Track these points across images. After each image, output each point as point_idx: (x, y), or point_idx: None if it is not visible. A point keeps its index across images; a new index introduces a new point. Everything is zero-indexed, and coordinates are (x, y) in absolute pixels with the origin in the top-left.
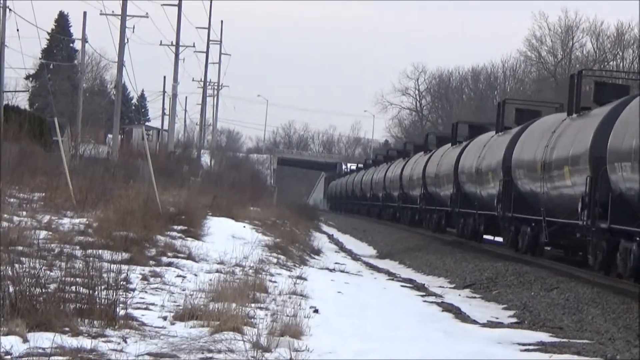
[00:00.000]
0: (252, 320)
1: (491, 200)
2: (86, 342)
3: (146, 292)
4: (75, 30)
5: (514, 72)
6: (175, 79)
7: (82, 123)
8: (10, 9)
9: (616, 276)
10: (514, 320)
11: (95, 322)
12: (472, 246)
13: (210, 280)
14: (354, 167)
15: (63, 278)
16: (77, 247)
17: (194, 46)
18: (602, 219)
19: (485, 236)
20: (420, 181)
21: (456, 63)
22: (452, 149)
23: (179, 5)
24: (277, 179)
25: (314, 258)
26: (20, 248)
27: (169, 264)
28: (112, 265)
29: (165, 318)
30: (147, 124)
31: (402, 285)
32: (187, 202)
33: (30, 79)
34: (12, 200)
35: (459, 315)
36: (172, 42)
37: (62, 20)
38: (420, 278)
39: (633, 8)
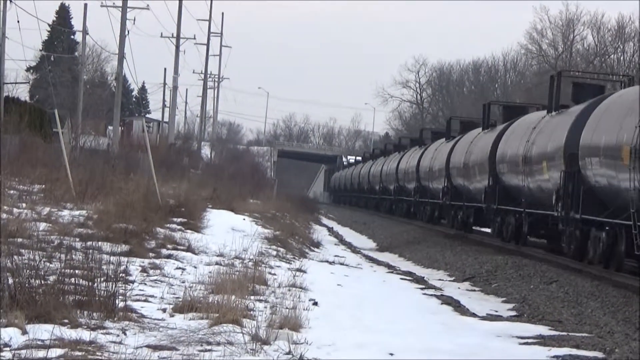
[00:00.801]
0: (251, 312)
1: (478, 193)
2: (85, 334)
3: (145, 284)
4: (76, 22)
5: (514, 65)
6: (175, 71)
7: (82, 115)
8: (11, 1)
9: (588, 262)
10: (514, 313)
11: (94, 314)
12: (471, 239)
13: (210, 272)
14: (353, 159)
15: (62, 270)
16: (77, 239)
17: (194, 38)
18: (574, 210)
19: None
20: (414, 175)
21: (457, 56)
22: (445, 144)
23: None
24: (277, 172)
25: (314, 251)
26: (19, 240)
27: (169, 256)
28: (111, 257)
29: (164, 310)
30: (147, 116)
31: (401, 278)
32: (187, 195)
33: (31, 70)
34: (12, 192)
35: (459, 308)
36: (172, 34)
37: (63, 12)
38: (419, 271)
39: (634, 1)
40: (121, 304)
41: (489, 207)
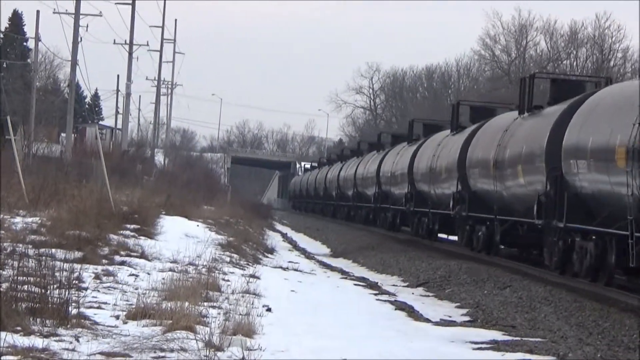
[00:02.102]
0: (205, 319)
1: (446, 199)
2: (38, 342)
3: (99, 291)
4: (29, 29)
5: (468, 71)
6: (128, 78)
7: (35, 122)
8: None
9: (572, 275)
10: (467, 318)
11: (47, 321)
12: (426, 245)
13: (163, 279)
14: (308, 165)
15: (15, 277)
16: (30, 246)
17: (147, 45)
18: (557, 218)
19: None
20: (374, 180)
21: (410, 62)
22: (407, 148)
23: (133, 4)
24: (231, 178)
25: (268, 257)
26: None
27: (122, 263)
28: (64, 264)
29: (117, 317)
30: (100, 123)
31: (355, 284)
32: (140, 201)
33: None
34: None
35: (412, 313)
36: (125, 41)
37: (16, 19)
38: (373, 277)
39: (586, 7)
40: (74, 311)
41: (457, 214)
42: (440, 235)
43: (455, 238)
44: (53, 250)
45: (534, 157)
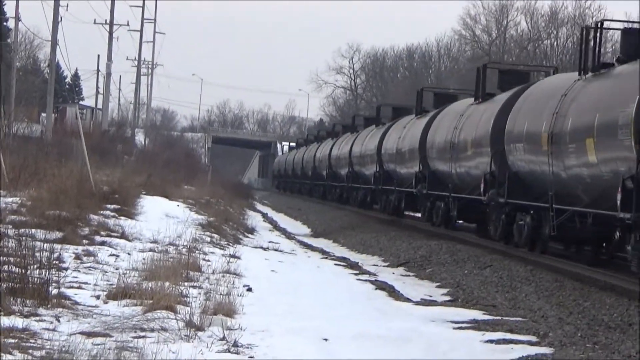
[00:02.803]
0: (186, 299)
1: (410, 179)
2: (18, 322)
3: (79, 271)
4: (9, 9)
5: (448, 51)
6: (109, 58)
7: (15, 102)
8: None
9: (514, 245)
10: (448, 298)
11: (27, 301)
12: (406, 224)
13: (144, 259)
14: (287, 145)
15: None
16: (10, 226)
17: (128, 25)
18: (500, 194)
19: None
20: (347, 160)
21: (391, 42)
22: (376, 130)
23: None
24: (211, 158)
25: (248, 237)
26: None
27: (102, 243)
28: (45, 245)
29: (98, 297)
30: (81, 102)
31: (335, 264)
32: (120, 181)
33: None
34: None
35: (393, 293)
36: (106, 21)
37: None
38: (354, 256)
39: None
40: (55, 291)
41: (419, 192)
42: (405, 212)
43: (419, 214)
44: (33, 230)
45: (482, 140)
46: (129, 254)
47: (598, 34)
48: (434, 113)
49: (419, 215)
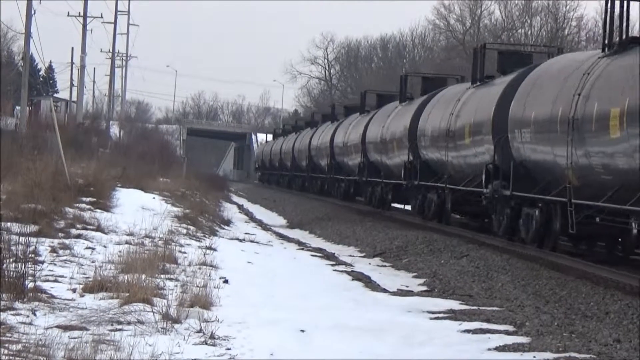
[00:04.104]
0: (162, 291)
1: (397, 169)
2: None
3: (55, 264)
4: None
5: (422, 41)
6: (83, 50)
7: None
8: None
9: (520, 241)
10: (424, 288)
11: (3, 295)
12: (383, 215)
13: (120, 251)
14: (263, 136)
15: None
16: None
17: (102, 17)
18: (504, 186)
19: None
20: (328, 151)
21: (365, 32)
22: (360, 118)
23: None
24: (186, 150)
25: (224, 228)
26: None
27: (78, 236)
28: (20, 238)
29: (74, 290)
30: (55, 95)
31: (312, 255)
32: (96, 174)
33: None
34: None
35: (369, 284)
36: (79, 13)
37: None
38: (330, 247)
39: None
40: (31, 285)
41: (409, 184)
42: (392, 204)
43: (408, 207)
44: (8, 224)
45: (482, 126)
46: (105, 246)
47: (482, 54)
48: (424, 99)
49: (408, 207)
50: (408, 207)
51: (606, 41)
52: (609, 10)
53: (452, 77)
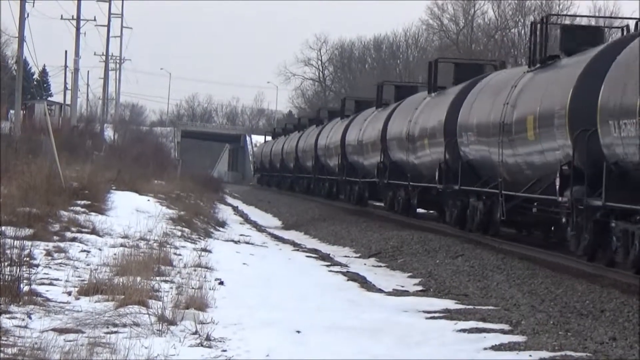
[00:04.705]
0: (157, 293)
1: (372, 169)
2: None
3: (50, 267)
4: None
5: (416, 41)
6: (76, 53)
7: None
8: None
9: (468, 230)
10: (420, 288)
11: None
12: (377, 215)
13: (115, 254)
14: (258, 138)
15: None
16: None
17: (95, 20)
18: (454, 182)
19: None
20: (312, 153)
21: (358, 33)
22: (340, 123)
23: None
24: (181, 152)
25: (219, 230)
26: None
27: (73, 239)
28: (15, 242)
29: (69, 293)
30: (49, 99)
31: (307, 256)
32: (90, 177)
33: None
34: None
35: (365, 284)
36: (73, 16)
37: None
38: (325, 248)
39: None
40: (26, 288)
41: (381, 182)
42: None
43: (382, 204)
44: (3, 227)
45: (436, 131)
46: (100, 249)
47: (436, 67)
48: (394, 106)
49: (382, 204)
50: (380, 204)
51: (531, 58)
52: (533, 32)
53: (423, 85)
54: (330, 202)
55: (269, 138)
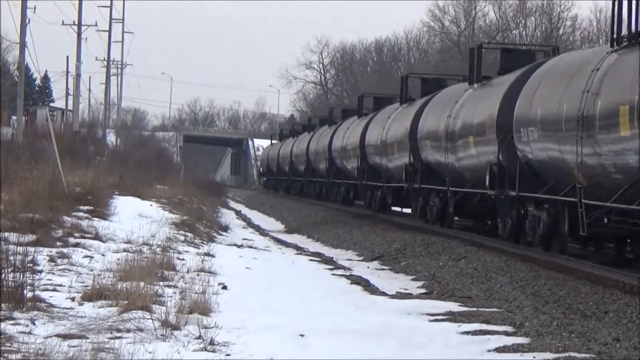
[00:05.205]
0: (161, 298)
1: (397, 172)
2: None
3: (53, 273)
4: None
5: (417, 43)
6: (78, 59)
7: None
8: None
9: (527, 244)
10: (423, 290)
11: (2, 304)
12: (381, 218)
13: (118, 259)
14: (260, 142)
15: None
16: None
17: (96, 25)
18: (510, 187)
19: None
20: (326, 155)
21: (359, 35)
22: (358, 122)
23: None
24: (183, 157)
25: (222, 234)
26: None
27: (76, 245)
28: (18, 248)
29: (73, 299)
30: (51, 104)
31: (310, 259)
32: (93, 182)
33: None
34: None
35: (368, 287)
36: (74, 22)
37: None
38: (328, 251)
39: None
40: (29, 294)
41: (410, 187)
42: (393, 208)
43: (408, 210)
44: (6, 233)
45: (486, 127)
46: (103, 254)
47: (480, 54)
48: (424, 100)
49: (409, 211)
50: (406, 210)
51: (614, 36)
52: (616, 5)
53: (452, 78)
54: (346, 208)
55: (274, 141)
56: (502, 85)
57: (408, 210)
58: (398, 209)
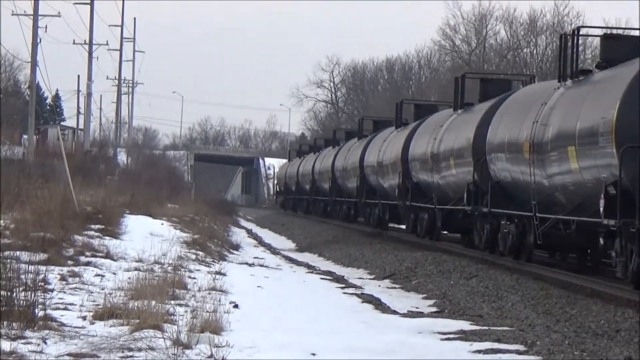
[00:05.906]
0: (172, 317)
1: (392, 191)
2: (5, 344)
3: (65, 292)
4: None
5: (428, 62)
6: (89, 78)
7: None
8: None
9: (499, 254)
10: (434, 309)
11: (14, 324)
12: (390, 236)
13: (129, 278)
14: (272, 160)
15: None
16: None
17: (107, 44)
18: (483, 204)
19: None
20: (329, 174)
21: (371, 54)
22: (358, 144)
23: (92, 4)
24: (194, 175)
25: (233, 253)
26: None
27: (88, 264)
28: (29, 267)
29: (84, 318)
30: (62, 123)
31: (321, 278)
32: (104, 201)
33: None
34: None
35: (380, 306)
36: (85, 41)
37: None
38: (339, 270)
39: None
40: (41, 313)
41: (402, 204)
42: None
43: (403, 226)
44: (17, 252)
45: (464, 150)
46: (114, 273)
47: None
48: (415, 125)
49: (403, 227)
50: (402, 226)
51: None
52: (562, 46)
53: (443, 104)
54: (347, 224)
55: (288, 159)
56: (479, 112)
57: (403, 227)
58: (395, 225)
